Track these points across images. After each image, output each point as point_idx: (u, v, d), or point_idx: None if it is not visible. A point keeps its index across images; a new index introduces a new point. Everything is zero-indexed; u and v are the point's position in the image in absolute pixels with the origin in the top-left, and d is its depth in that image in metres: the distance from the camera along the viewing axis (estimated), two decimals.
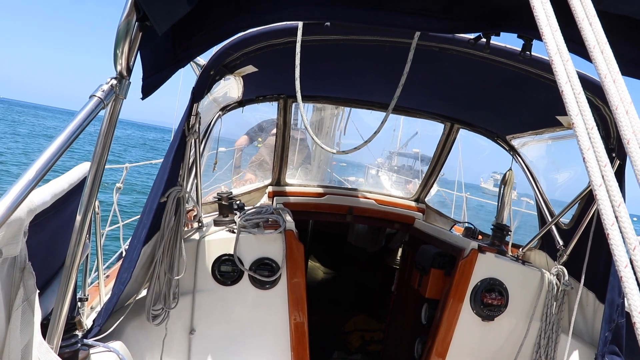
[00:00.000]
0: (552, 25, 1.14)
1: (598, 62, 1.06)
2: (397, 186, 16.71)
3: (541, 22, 1.13)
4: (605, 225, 0.95)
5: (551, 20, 1.14)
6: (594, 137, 1.02)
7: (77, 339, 2.12)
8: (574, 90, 1.06)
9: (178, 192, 2.91)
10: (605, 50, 1.06)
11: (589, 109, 1.04)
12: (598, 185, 0.98)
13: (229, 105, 4.31)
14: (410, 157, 26.52)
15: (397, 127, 19.96)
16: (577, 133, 1.03)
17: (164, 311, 2.97)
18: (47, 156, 1.46)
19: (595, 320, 3.34)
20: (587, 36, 1.08)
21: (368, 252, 6.84)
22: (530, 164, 4.52)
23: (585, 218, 3.33)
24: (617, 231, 0.94)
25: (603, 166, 0.99)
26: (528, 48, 2.25)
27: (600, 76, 1.05)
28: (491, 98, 3.97)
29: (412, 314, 4.51)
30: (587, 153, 1.01)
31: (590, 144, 1.02)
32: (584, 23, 1.09)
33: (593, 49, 1.07)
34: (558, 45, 1.11)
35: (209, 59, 2.94)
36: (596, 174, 0.99)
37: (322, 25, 2.60)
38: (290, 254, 3.46)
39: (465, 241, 3.85)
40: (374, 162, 16.82)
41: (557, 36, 1.12)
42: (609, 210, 0.96)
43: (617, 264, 0.92)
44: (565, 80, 1.07)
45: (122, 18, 1.66)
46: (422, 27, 2.03)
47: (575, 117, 1.04)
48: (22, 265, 1.62)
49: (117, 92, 1.72)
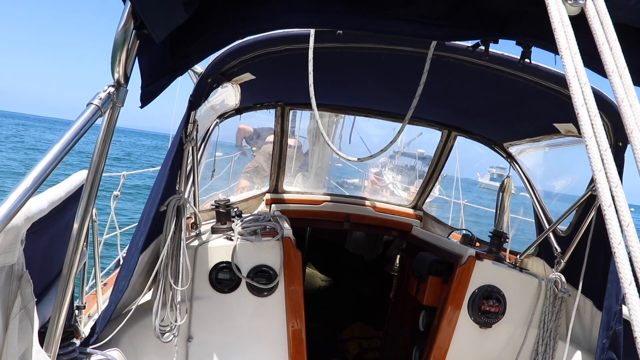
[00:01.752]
0: (561, 11, 1.16)
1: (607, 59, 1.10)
2: (401, 185, 16.65)
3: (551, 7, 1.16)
4: (603, 207, 1.00)
5: (560, 8, 1.17)
6: (596, 125, 1.07)
7: (74, 347, 2.12)
8: (580, 82, 1.10)
9: (178, 201, 2.90)
10: (614, 48, 1.10)
11: (594, 100, 1.09)
12: (598, 171, 1.03)
13: (226, 112, 4.31)
14: (414, 158, 26.39)
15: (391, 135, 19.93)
16: (580, 121, 1.08)
17: (173, 326, 2.96)
18: (44, 164, 1.45)
19: (593, 327, 3.34)
20: (597, 36, 1.12)
21: (366, 260, 6.83)
22: (528, 171, 4.53)
23: (583, 225, 3.33)
24: (613, 213, 0.99)
25: (604, 151, 1.04)
26: (527, 55, 2.26)
27: (607, 72, 1.10)
28: (489, 106, 3.98)
29: (410, 322, 4.50)
30: (589, 141, 1.06)
31: (592, 132, 1.07)
32: (595, 21, 1.12)
33: (602, 46, 1.11)
34: (568, 39, 1.13)
35: (206, 67, 2.95)
36: (596, 158, 1.04)
37: (322, 32, 2.61)
38: (287, 262, 3.45)
39: (463, 248, 3.85)
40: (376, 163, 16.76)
41: (568, 31, 1.15)
42: (607, 193, 1.00)
43: (611, 242, 0.96)
44: (573, 74, 1.11)
45: (119, 26, 1.66)
46: (420, 34, 2.03)
47: (580, 107, 1.08)
48: (19, 273, 1.61)
49: (115, 100, 1.73)
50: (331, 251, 7.19)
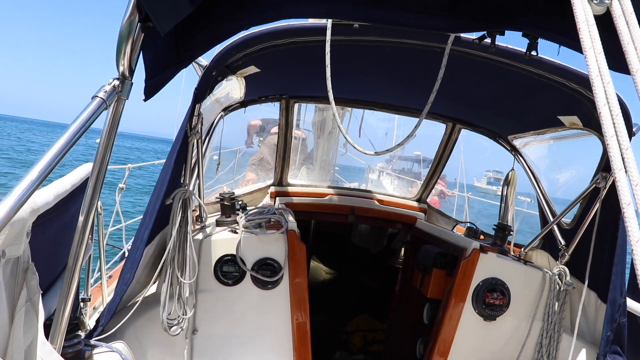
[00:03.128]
0: (585, 7, 1.17)
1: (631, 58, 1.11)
2: (399, 190, 16.54)
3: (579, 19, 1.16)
4: (622, 204, 1.01)
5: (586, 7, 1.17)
6: (618, 124, 1.07)
7: (79, 339, 2.13)
8: (603, 80, 1.11)
9: (184, 193, 2.91)
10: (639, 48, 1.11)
11: (616, 97, 1.10)
12: (618, 169, 1.04)
13: (231, 105, 4.31)
14: (411, 160, 26.20)
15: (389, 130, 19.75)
16: (602, 120, 1.08)
17: (181, 319, 2.97)
18: (49, 157, 1.46)
19: (597, 319, 3.34)
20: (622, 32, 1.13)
21: (370, 252, 6.84)
22: (532, 164, 4.52)
23: (587, 218, 3.32)
24: (632, 211, 1.00)
25: (625, 149, 1.05)
26: (534, 47, 2.24)
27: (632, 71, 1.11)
28: (494, 98, 3.97)
29: (414, 314, 4.51)
30: (611, 140, 1.06)
31: (614, 131, 1.07)
32: (620, 20, 1.14)
33: (627, 46, 1.11)
34: (593, 39, 1.13)
35: (211, 60, 2.95)
36: (617, 157, 1.05)
37: (340, 25, 2.60)
38: (292, 254, 3.46)
39: (467, 241, 3.85)
40: (373, 165, 16.64)
41: (593, 30, 1.15)
42: (627, 192, 1.02)
43: (630, 239, 0.98)
44: (596, 74, 1.12)
45: (124, 19, 1.66)
46: (425, 25, 2.02)
47: (602, 107, 1.09)
48: (25, 265, 1.62)
49: (120, 93, 1.73)
50: (336, 244, 7.21)
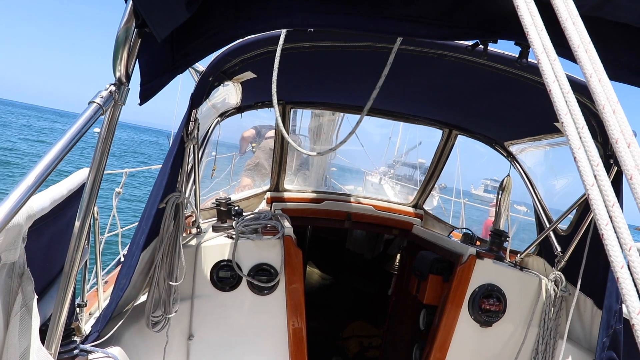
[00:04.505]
0: (538, 25, 1.14)
1: (584, 63, 1.05)
2: (400, 196, 16.51)
3: (526, 22, 1.13)
4: (600, 225, 0.94)
5: (536, 20, 1.14)
6: (584, 136, 1.00)
7: (75, 345, 2.12)
8: (562, 90, 1.05)
9: (177, 198, 2.91)
10: (589, 50, 1.06)
11: (578, 107, 1.03)
12: (590, 185, 0.96)
13: (227, 111, 4.32)
14: (413, 167, 26.14)
15: (394, 134, 19.75)
16: (567, 133, 1.01)
17: (163, 318, 2.97)
18: (46, 162, 1.46)
19: (593, 326, 3.35)
20: (571, 36, 1.08)
21: (366, 258, 6.83)
22: (529, 170, 4.53)
23: (583, 224, 3.33)
24: (611, 231, 0.93)
25: (595, 165, 0.97)
26: (525, 55, 2.26)
27: (585, 76, 1.04)
28: (489, 104, 3.98)
29: (410, 320, 4.51)
30: (578, 152, 0.99)
31: (580, 143, 1.00)
32: (568, 23, 1.09)
33: (578, 49, 1.07)
34: (544, 45, 1.11)
35: (207, 66, 2.95)
36: (588, 173, 0.97)
37: (323, 32, 2.60)
38: (288, 260, 3.46)
39: (464, 247, 3.85)
40: (371, 169, 16.62)
41: (543, 35, 1.12)
42: (603, 210, 0.94)
43: (612, 265, 0.91)
44: (552, 79, 1.07)
45: (121, 24, 1.66)
46: (419, 34, 2.03)
47: (564, 116, 1.03)
48: (20, 271, 1.62)
49: (116, 99, 1.73)
50: (332, 250, 7.20)
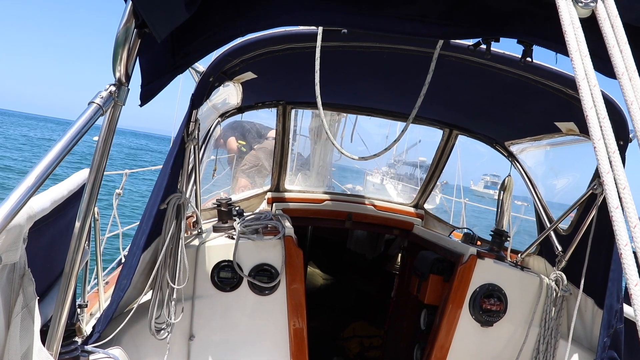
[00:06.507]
0: (572, 13, 1.16)
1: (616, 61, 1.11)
2: (403, 195, 16.49)
3: (565, 21, 1.16)
4: (610, 208, 1.00)
5: (574, 20, 1.16)
6: (605, 127, 1.07)
7: (76, 346, 2.12)
8: (589, 84, 1.10)
9: (178, 199, 2.91)
10: (624, 50, 1.10)
11: (603, 101, 1.09)
12: (606, 173, 1.03)
13: (228, 111, 4.32)
14: (415, 166, 26.14)
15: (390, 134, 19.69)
16: (589, 124, 1.07)
17: (167, 324, 2.96)
18: (46, 163, 1.46)
19: (594, 325, 3.34)
20: (609, 39, 1.12)
21: (367, 258, 6.83)
22: (529, 170, 4.53)
23: (584, 224, 3.33)
24: (620, 214, 0.99)
25: (612, 152, 1.04)
26: (528, 54, 2.26)
27: (617, 75, 1.10)
28: (490, 104, 3.98)
29: (411, 320, 4.50)
30: (598, 143, 1.06)
31: (601, 134, 1.07)
32: (605, 23, 1.12)
33: (612, 49, 1.11)
34: (579, 42, 1.13)
35: (208, 66, 2.95)
36: (604, 161, 1.04)
37: (325, 31, 2.61)
38: (289, 260, 3.46)
39: (464, 247, 3.85)
40: (373, 169, 16.62)
41: (579, 33, 1.14)
42: (614, 195, 1.01)
43: (618, 244, 0.97)
44: (583, 77, 1.11)
45: (120, 25, 1.66)
46: (421, 33, 2.03)
47: (589, 110, 1.09)
48: (21, 271, 1.62)
49: (116, 99, 1.73)
50: (333, 250, 7.19)
